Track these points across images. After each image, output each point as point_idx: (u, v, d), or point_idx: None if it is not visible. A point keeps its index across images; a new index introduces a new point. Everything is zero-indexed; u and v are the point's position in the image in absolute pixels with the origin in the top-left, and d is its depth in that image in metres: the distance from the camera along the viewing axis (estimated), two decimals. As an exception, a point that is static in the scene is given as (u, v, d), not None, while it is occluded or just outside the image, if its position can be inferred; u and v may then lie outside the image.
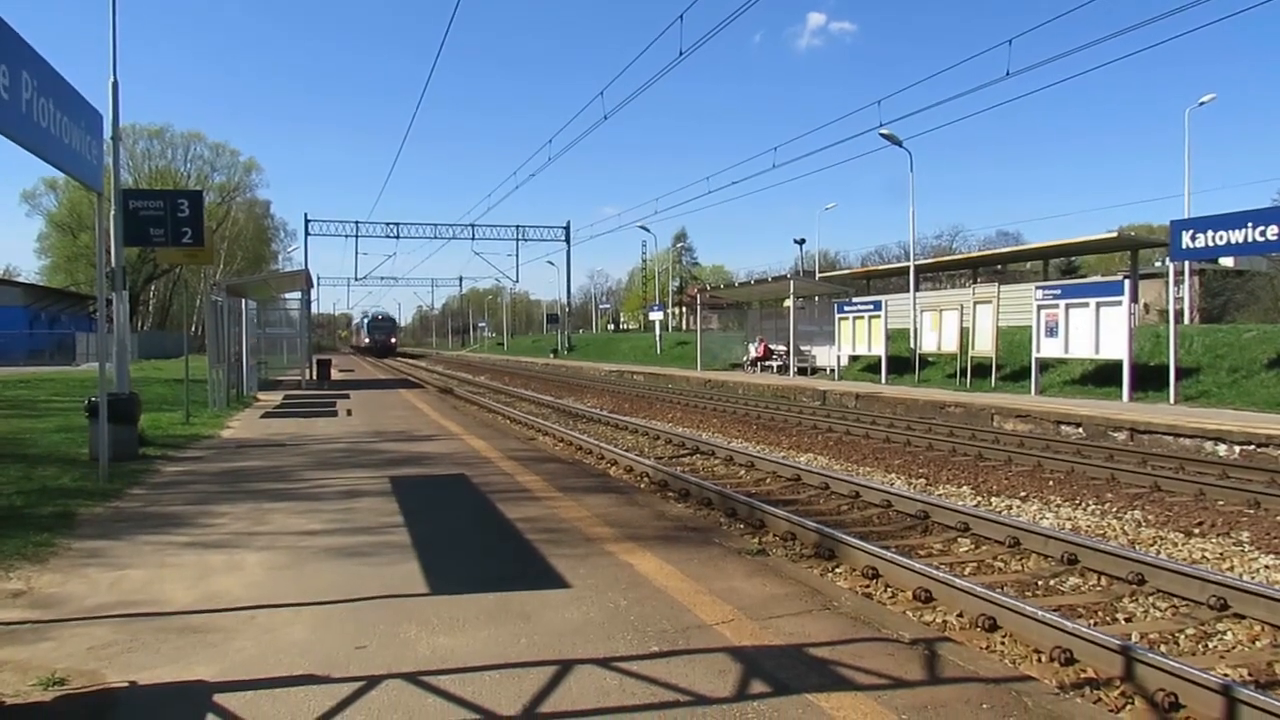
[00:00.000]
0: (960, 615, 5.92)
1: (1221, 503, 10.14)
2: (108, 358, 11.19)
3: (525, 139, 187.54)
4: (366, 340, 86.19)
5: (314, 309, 51.53)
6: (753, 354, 36.96)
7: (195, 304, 40.34)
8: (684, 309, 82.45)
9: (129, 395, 12.12)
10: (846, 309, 30.02)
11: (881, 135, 28.83)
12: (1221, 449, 13.61)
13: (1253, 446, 13.23)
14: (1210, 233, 17.66)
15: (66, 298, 62.02)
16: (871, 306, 29.04)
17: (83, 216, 69.29)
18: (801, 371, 33.28)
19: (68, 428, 14.59)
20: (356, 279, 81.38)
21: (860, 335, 28.93)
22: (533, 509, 8.16)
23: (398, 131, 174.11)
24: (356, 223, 68.80)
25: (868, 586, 6.68)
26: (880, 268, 54.80)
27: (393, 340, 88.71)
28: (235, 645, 4.50)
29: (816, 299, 36.48)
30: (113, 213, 13.23)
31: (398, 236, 69.30)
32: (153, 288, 79.05)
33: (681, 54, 17.33)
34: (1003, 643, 5.48)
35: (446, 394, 28.85)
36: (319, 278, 73.90)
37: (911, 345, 28.08)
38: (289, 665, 4.20)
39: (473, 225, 67.21)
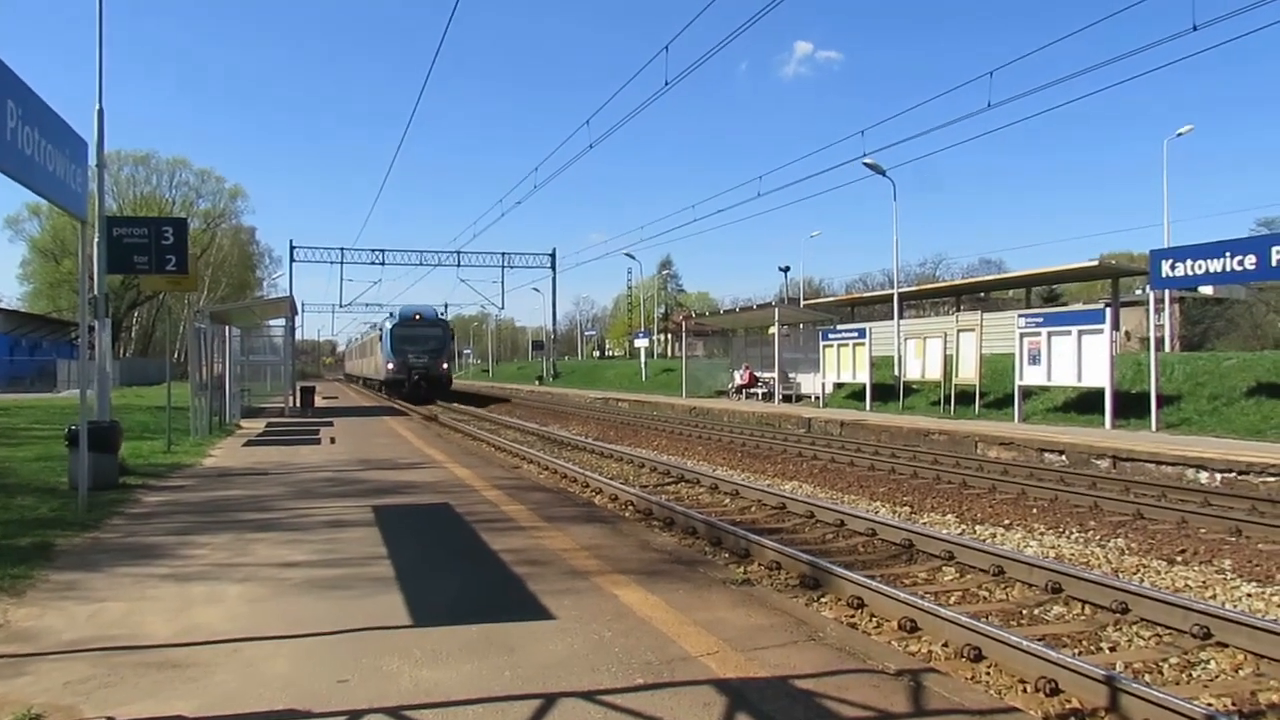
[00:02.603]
0: (945, 645, 5.92)
1: (1203, 530, 10.20)
2: (89, 385, 11.10)
3: (511, 167, 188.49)
4: (391, 366, 45.86)
5: (298, 336, 51.75)
6: (738, 381, 37.00)
7: (178, 331, 40.39)
8: (669, 336, 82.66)
9: (110, 423, 12.02)
10: (831, 336, 30.14)
11: (865, 164, 29.11)
12: (1203, 476, 13.70)
13: (1234, 474, 13.32)
14: (1189, 262, 17.88)
15: (48, 324, 61.55)
16: (856, 334, 29.17)
17: (66, 243, 68.95)
18: (786, 399, 33.34)
19: (47, 456, 14.44)
20: (341, 305, 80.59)
21: (845, 363, 29.03)
22: (517, 539, 8.11)
23: (384, 159, 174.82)
24: (342, 249, 68.55)
25: (853, 616, 6.67)
26: (864, 295, 55.12)
27: (444, 365, 47.29)
28: (215, 679, 4.45)
29: (801, 326, 36.61)
30: (96, 239, 13.19)
31: (383, 263, 69.10)
32: (136, 314, 78.61)
33: (667, 84, 17.23)
34: (988, 673, 5.48)
35: (431, 421, 28.74)
36: (303, 304, 73.06)
37: (896, 373, 28.20)
38: (270, 700, 4.15)
39: (458, 252, 67.06)
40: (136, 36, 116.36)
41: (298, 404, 30.93)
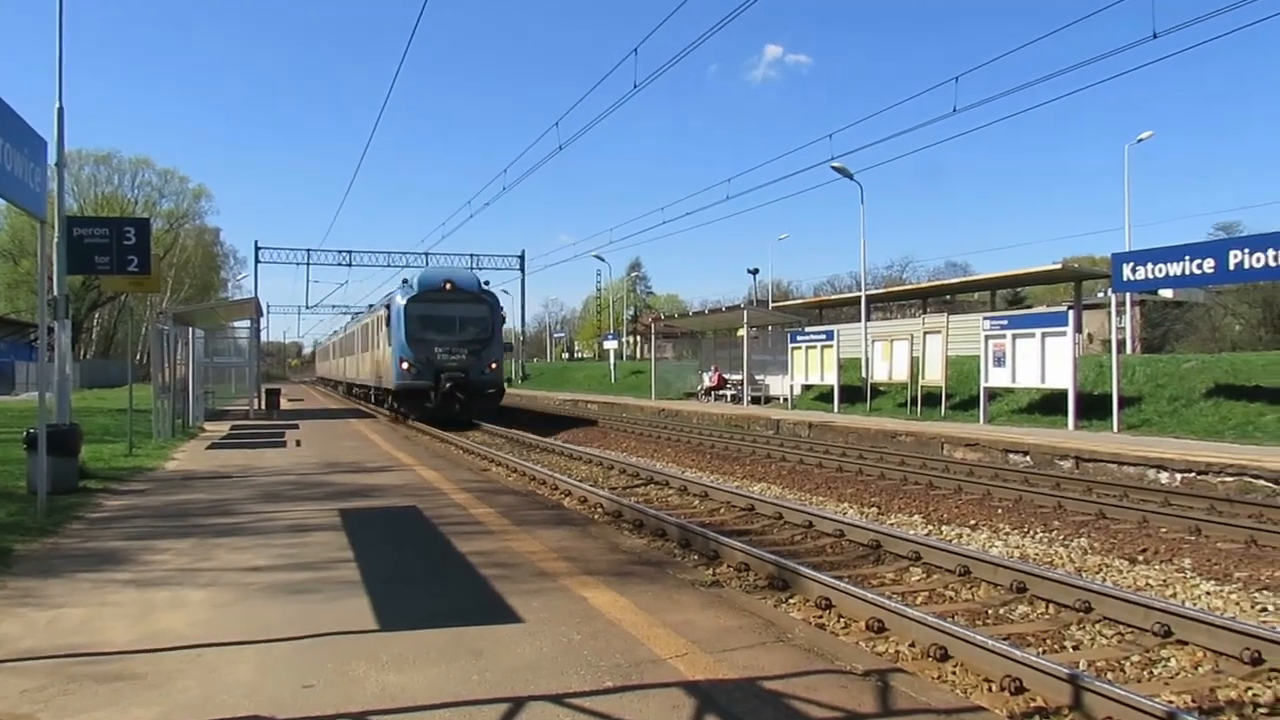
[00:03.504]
0: (912, 645, 5.96)
1: (1164, 530, 10.37)
2: (48, 387, 10.90)
3: (480, 168, 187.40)
4: (405, 366, 27.17)
5: (264, 337, 50.57)
6: (707, 383, 37.09)
7: (140, 332, 39.55)
8: (639, 338, 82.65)
9: (69, 426, 11.81)
10: (799, 339, 30.31)
11: (833, 168, 29.30)
12: (1163, 477, 13.92)
13: (1193, 474, 13.55)
14: (1150, 265, 18.18)
15: (6, 325, 60.32)
16: (824, 336, 29.35)
17: (25, 243, 67.59)
18: (755, 401, 33.46)
19: (4, 460, 14.15)
20: (308, 307, 79.41)
21: (813, 365, 29.20)
22: (485, 542, 8.07)
23: (351, 159, 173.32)
24: (308, 250, 67.75)
25: (821, 617, 6.70)
26: (832, 298, 55.52)
27: (493, 366, 28.40)
28: (178, 686, 4.38)
29: (770, 328, 36.78)
30: (55, 240, 12.96)
31: (350, 264, 68.36)
32: (97, 315, 77.25)
33: (636, 86, 17.25)
34: (954, 672, 5.53)
35: (398, 424, 28.53)
36: (269, 306, 72.18)
37: (863, 375, 28.41)
38: (233, 706, 4.10)
39: (426, 254, 66.50)
40: (96, 35, 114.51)
41: (263, 406, 30.58)
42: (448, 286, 27.88)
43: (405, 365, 26.70)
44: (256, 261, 69.46)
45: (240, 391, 37.63)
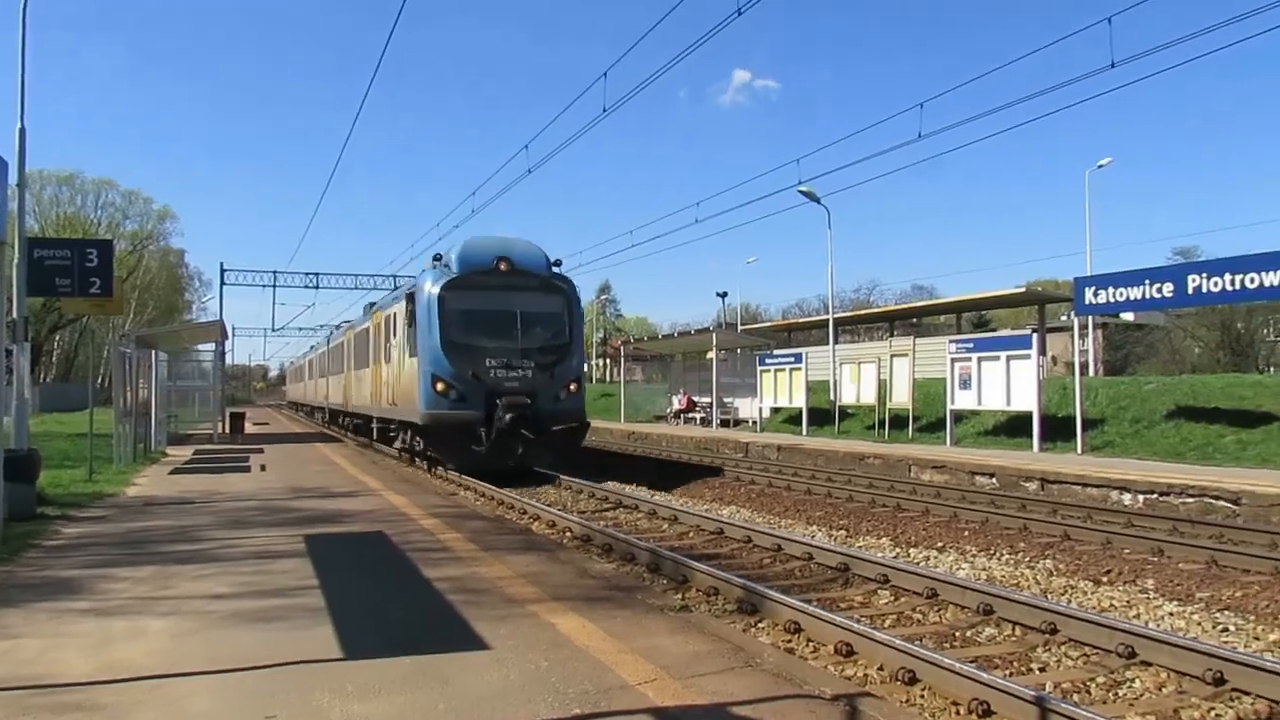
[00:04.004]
0: (881, 669, 5.97)
1: (1127, 551, 10.49)
2: (6, 411, 10.69)
3: (449, 189, 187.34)
4: (440, 387, 17.20)
5: (228, 360, 49.75)
6: (676, 406, 37.15)
7: (102, 355, 38.89)
8: (608, 360, 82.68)
9: (28, 452, 11.59)
10: (768, 361, 30.46)
11: (800, 192, 29.56)
12: (1126, 498, 14.10)
13: (1155, 495, 13.74)
14: (1111, 289, 18.50)
15: (-37, 348, 59.23)
16: (793, 359, 29.51)
17: (-17, 264, 66.44)
18: (724, 423, 33.54)
19: (-41, 486, 13.84)
20: (274, 329, 78.69)
21: (782, 387, 29.33)
22: (453, 568, 8.00)
23: (319, 181, 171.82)
24: (274, 272, 66.83)
25: (790, 641, 6.70)
26: (801, 320, 55.85)
27: (571, 387, 18.33)
28: (137, 718, 4.29)
29: (739, 351, 36.97)
30: (15, 261, 12.75)
31: (317, 287, 67.76)
32: (57, 338, 75.99)
33: (605, 110, 17.37)
34: (922, 696, 5.54)
35: (366, 448, 28.26)
36: (234, 328, 71.15)
37: (832, 397, 28.57)
38: (193, 739, 4.01)
39: (394, 276, 66.06)
40: (60, 57, 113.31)
41: (227, 431, 30.19)
42: (502, 266, 17.86)
43: (439, 386, 17.13)
44: (222, 283, 68.58)
45: (204, 415, 37.05)
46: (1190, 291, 16.94)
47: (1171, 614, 7.77)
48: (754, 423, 31.76)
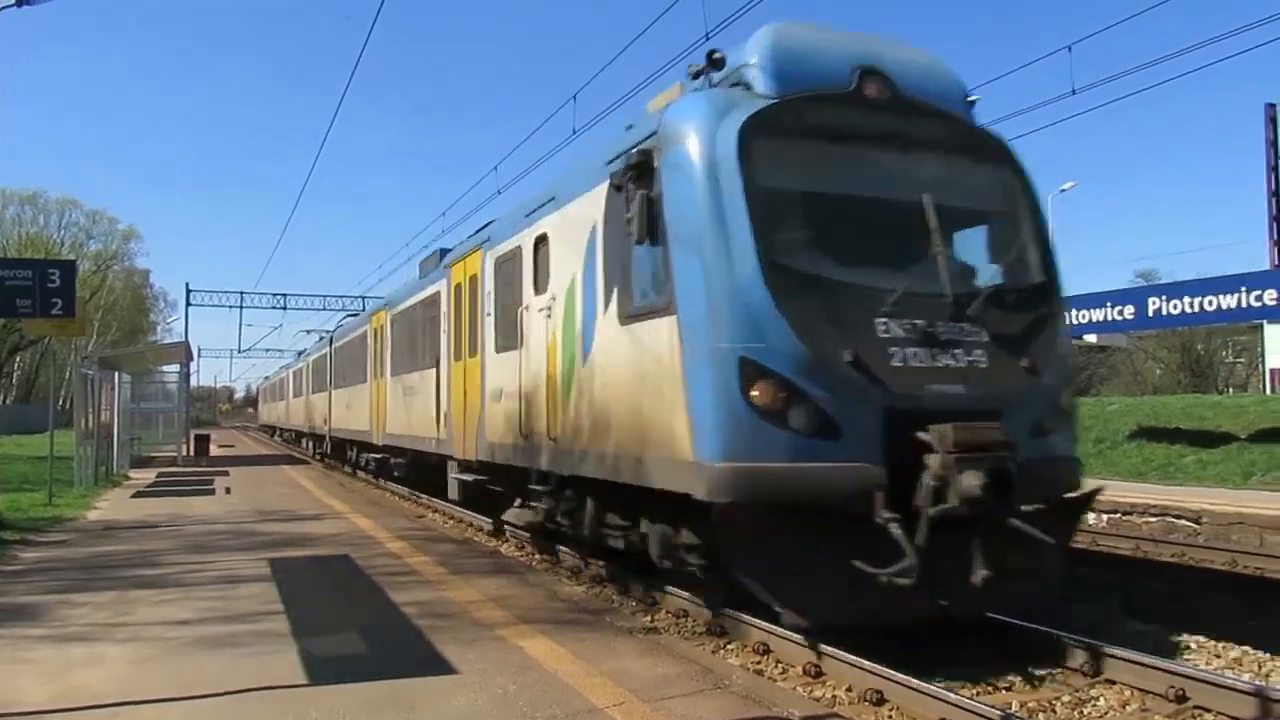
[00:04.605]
0: (849, 690, 5.97)
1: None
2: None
3: (419, 210, 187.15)
4: (767, 398, 5.94)
5: (194, 381, 49.20)
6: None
7: (64, 377, 38.31)
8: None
9: (-15, 476, 11.38)
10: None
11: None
12: (1090, 517, 14.24)
13: (1118, 515, 13.92)
14: (1074, 311, 18.77)
15: (-81, 370, 58.14)
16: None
17: (-58, 284, 65.30)
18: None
19: (-87, 511, 13.56)
20: (240, 351, 77.87)
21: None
22: (421, 592, 7.93)
23: (287, 201, 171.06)
24: (241, 293, 66.27)
25: (759, 663, 6.68)
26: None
27: (1060, 402, 6.97)
28: (93, 748, 4.21)
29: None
30: (-25, 282, 12.56)
31: (285, 307, 67.21)
32: (18, 359, 74.72)
33: (575, 132, 17.56)
34: (890, 716, 5.54)
35: (333, 469, 28.00)
36: (200, 349, 70.32)
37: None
38: (152, 768, 3.95)
39: (363, 297, 65.72)
40: (26, 73, 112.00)
41: (192, 453, 29.79)
42: (871, 90, 7.20)
43: (760, 390, 6.10)
44: (188, 304, 67.70)
45: (168, 437, 36.60)
46: (1150, 314, 17.28)
47: (1140, 632, 7.85)
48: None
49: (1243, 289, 16.21)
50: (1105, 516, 14.05)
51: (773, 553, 6.14)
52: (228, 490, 18.41)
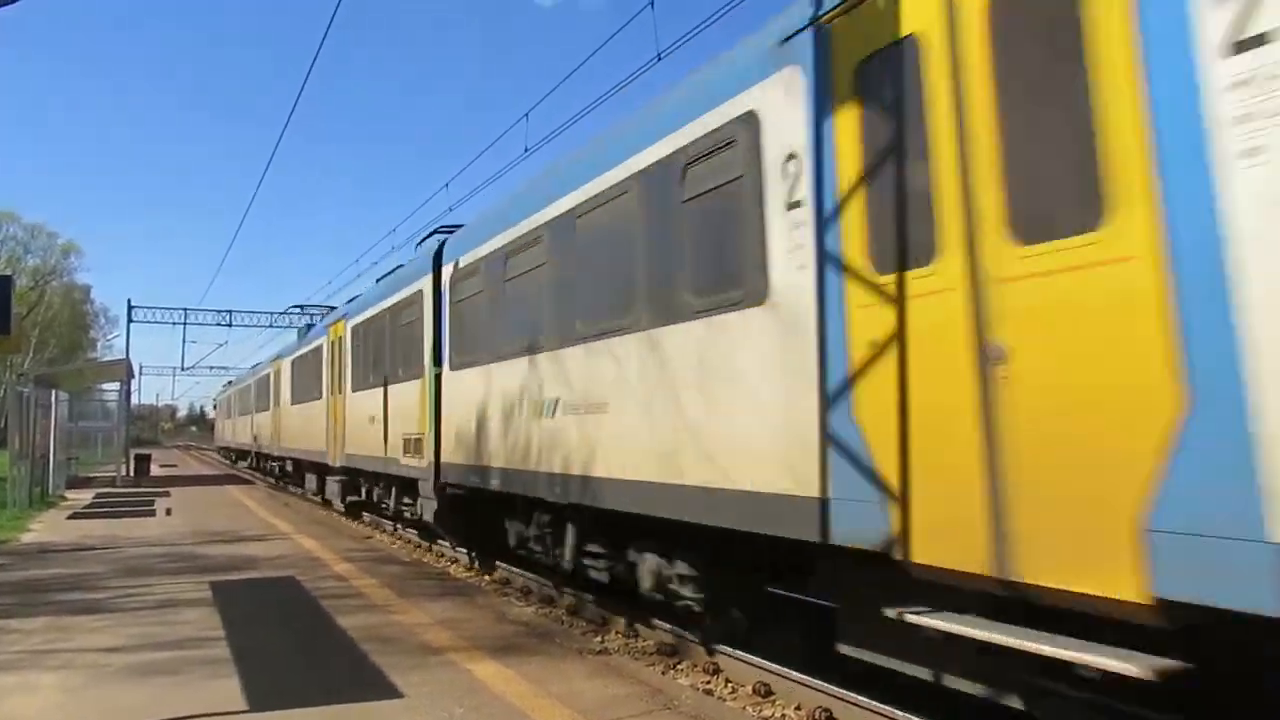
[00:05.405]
0: (798, 709, 5.98)
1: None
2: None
3: (369, 226, 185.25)
4: None
5: (135, 400, 47.99)
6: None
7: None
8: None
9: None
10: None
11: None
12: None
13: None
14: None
15: None
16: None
17: None
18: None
19: None
20: (184, 368, 76.37)
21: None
22: (367, 616, 7.81)
23: (233, 216, 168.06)
24: (185, 309, 64.96)
25: (709, 683, 6.67)
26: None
27: None
28: (21, 781, 4.07)
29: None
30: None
31: (230, 324, 66.10)
32: (-50, 377, 72.55)
33: (527, 150, 17.61)
34: (839, 734, 5.58)
35: (278, 490, 27.50)
36: (141, 367, 68.59)
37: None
38: (84, 801, 3.82)
39: (311, 309, 64.99)
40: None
41: (131, 473, 29.06)
42: None
43: None
44: (129, 321, 66.29)
45: (108, 457, 35.67)
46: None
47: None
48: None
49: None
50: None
51: None
52: (169, 511, 17.98)
